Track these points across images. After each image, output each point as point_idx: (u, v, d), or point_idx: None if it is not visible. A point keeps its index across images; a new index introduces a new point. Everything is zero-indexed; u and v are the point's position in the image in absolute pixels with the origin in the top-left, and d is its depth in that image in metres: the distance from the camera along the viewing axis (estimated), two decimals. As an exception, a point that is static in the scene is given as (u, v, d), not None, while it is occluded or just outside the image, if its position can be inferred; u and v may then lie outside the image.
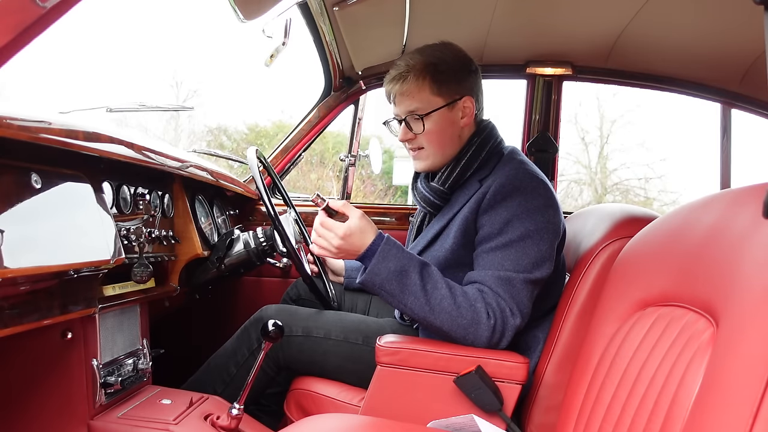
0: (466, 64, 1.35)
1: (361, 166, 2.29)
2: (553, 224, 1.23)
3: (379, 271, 1.15)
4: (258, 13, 1.11)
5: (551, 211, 1.24)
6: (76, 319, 1.09)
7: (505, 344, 1.18)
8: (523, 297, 1.18)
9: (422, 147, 1.35)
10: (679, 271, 0.80)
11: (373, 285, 1.17)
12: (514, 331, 1.18)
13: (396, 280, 1.15)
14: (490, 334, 1.16)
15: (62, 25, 0.63)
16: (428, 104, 1.31)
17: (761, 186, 0.73)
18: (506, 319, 1.16)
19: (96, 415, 1.12)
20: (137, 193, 1.27)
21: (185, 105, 3.19)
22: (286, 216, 1.58)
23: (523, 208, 1.21)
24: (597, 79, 2.14)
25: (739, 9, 1.50)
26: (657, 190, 10.15)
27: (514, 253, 1.19)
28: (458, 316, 1.15)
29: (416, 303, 1.15)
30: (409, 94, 1.31)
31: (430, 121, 1.31)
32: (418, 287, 1.15)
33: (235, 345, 1.45)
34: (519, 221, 1.20)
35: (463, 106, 1.33)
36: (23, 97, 10.23)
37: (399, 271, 1.16)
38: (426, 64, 1.30)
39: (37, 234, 0.87)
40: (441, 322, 1.16)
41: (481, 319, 1.15)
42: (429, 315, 1.16)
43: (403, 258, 1.17)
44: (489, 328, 1.15)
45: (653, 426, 0.72)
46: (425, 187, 1.37)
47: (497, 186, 1.24)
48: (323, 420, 0.99)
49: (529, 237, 1.20)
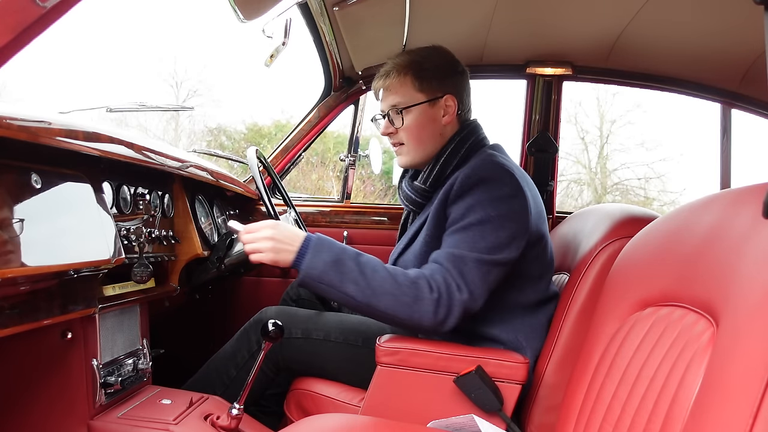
0: (452, 65, 1.38)
1: (361, 166, 2.29)
2: (518, 214, 1.22)
3: (315, 265, 1.14)
4: (258, 13, 1.11)
5: (516, 202, 1.22)
6: (76, 319, 1.09)
7: (453, 321, 1.15)
8: (473, 275, 1.16)
9: (402, 142, 1.37)
10: (679, 271, 0.80)
11: (312, 279, 1.15)
12: (462, 308, 1.15)
13: (333, 270, 1.14)
14: (434, 309, 1.13)
15: (62, 25, 0.63)
16: (409, 99, 1.35)
17: (761, 186, 0.73)
18: (452, 293, 1.14)
19: (96, 415, 1.12)
20: (137, 193, 1.27)
21: (185, 105, 3.19)
22: (286, 216, 1.58)
23: (487, 196, 1.21)
24: (597, 79, 2.14)
25: (739, 9, 1.50)
26: (657, 190, 10.15)
27: (471, 236, 1.19)
28: (401, 294, 1.14)
29: (357, 289, 1.14)
30: (393, 89, 1.36)
31: (410, 116, 1.35)
32: (356, 273, 1.14)
33: (235, 347, 1.45)
34: (481, 207, 1.20)
35: (445, 104, 1.35)
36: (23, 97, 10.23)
37: (335, 261, 1.15)
38: (410, 61, 1.35)
39: (37, 234, 0.87)
40: (385, 304, 1.14)
41: (424, 294, 1.14)
42: (371, 299, 1.14)
43: (337, 249, 1.17)
44: (432, 302, 1.13)
45: (653, 426, 0.72)
46: (408, 186, 1.40)
47: (463, 177, 1.24)
48: (323, 420, 0.99)
49: (489, 222, 1.19)
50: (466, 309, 1.16)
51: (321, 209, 2.16)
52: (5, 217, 0.81)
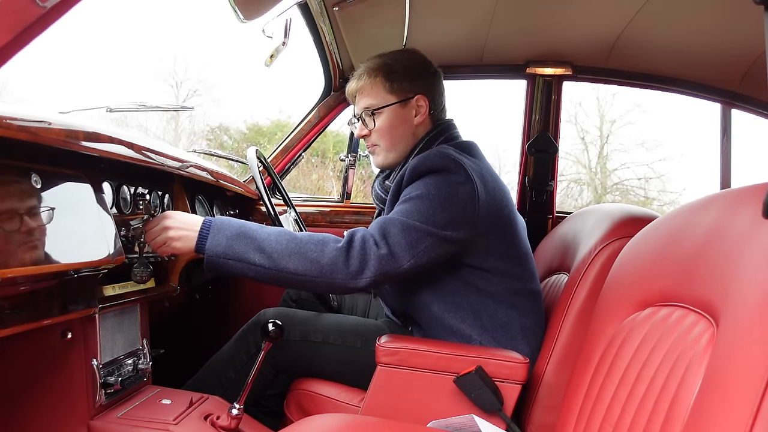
0: (423, 66, 1.40)
1: (361, 166, 2.28)
2: (461, 201, 1.21)
3: (218, 242, 1.14)
4: (258, 13, 1.11)
5: (462, 189, 1.21)
6: (76, 319, 1.09)
7: (369, 275, 1.14)
8: (396, 235, 1.16)
9: (377, 144, 1.40)
10: (679, 271, 0.80)
11: (218, 257, 1.14)
12: (378, 262, 1.14)
13: (236, 243, 1.14)
14: (344, 258, 1.13)
15: (62, 25, 0.63)
16: (381, 100, 1.37)
17: (761, 186, 0.73)
18: (368, 246, 1.14)
19: (96, 415, 1.12)
20: (137, 193, 1.27)
21: (185, 105, 3.19)
22: (286, 216, 1.58)
23: (432, 179, 1.22)
24: (597, 79, 2.14)
25: (739, 9, 1.50)
26: (657, 190, 10.16)
27: (405, 208, 1.20)
28: (307, 251, 1.13)
29: (263, 256, 1.13)
30: (364, 91, 1.39)
31: (382, 117, 1.37)
32: (260, 240, 1.14)
33: (234, 349, 1.44)
34: (423, 185, 1.21)
35: (416, 104, 1.37)
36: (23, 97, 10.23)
37: (237, 234, 1.14)
38: (381, 64, 1.38)
39: (37, 234, 0.87)
40: (294, 264, 1.13)
41: (329, 245, 1.14)
42: (280, 261, 1.13)
43: (238, 223, 1.17)
44: (341, 251, 1.13)
45: (653, 426, 0.72)
46: (380, 186, 1.43)
47: (410, 167, 1.26)
48: (323, 420, 0.99)
49: (427, 198, 1.19)
50: (384, 265, 1.14)
51: (321, 209, 2.16)
52: (5, 217, 0.81)
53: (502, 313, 1.29)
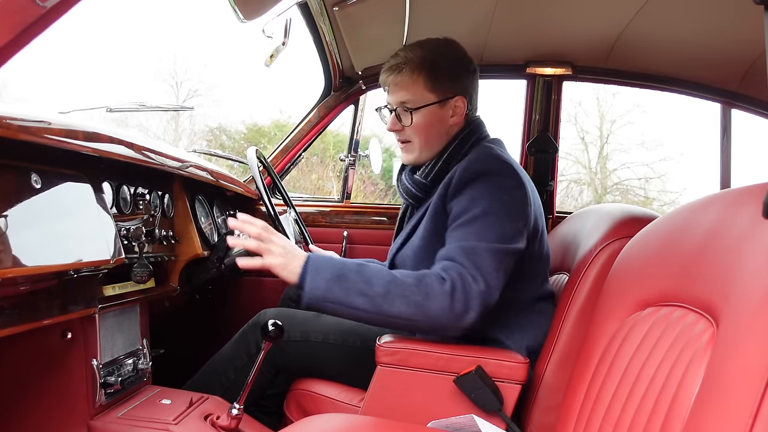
0: (465, 63, 1.35)
1: (361, 166, 2.29)
2: (520, 206, 1.21)
3: (317, 285, 1.11)
4: (258, 13, 1.11)
5: (518, 193, 1.21)
6: (76, 319, 1.09)
7: (473, 315, 1.11)
8: (486, 265, 1.14)
9: (410, 140, 1.36)
10: (679, 271, 0.80)
11: (317, 300, 1.12)
12: (480, 299, 1.11)
13: (337, 286, 1.11)
14: (450, 302, 1.10)
15: (62, 25, 0.63)
16: (420, 98, 1.32)
17: (761, 186, 0.73)
18: (468, 285, 1.11)
19: (96, 415, 1.12)
20: (137, 193, 1.27)
21: (185, 105, 3.19)
22: (286, 216, 1.58)
23: (487, 188, 1.20)
24: (597, 79, 2.14)
25: (740, 9, 1.50)
26: (657, 190, 10.16)
27: (477, 227, 1.17)
28: (410, 294, 1.11)
29: (365, 300, 1.11)
30: (403, 86, 1.33)
31: (419, 115, 1.33)
32: (361, 283, 1.12)
33: (234, 350, 1.44)
34: (483, 199, 1.19)
35: (454, 104, 1.34)
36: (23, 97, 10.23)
37: (336, 277, 1.12)
38: (423, 59, 1.31)
39: (37, 234, 0.87)
40: (397, 308, 1.11)
41: (434, 289, 1.11)
42: (382, 306, 1.11)
43: (337, 264, 1.14)
44: (446, 296, 1.10)
45: (653, 426, 0.72)
46: (408, 179, 1.39)
47: (461, 170, 1.24)
48: (323, 420, 0.99)
49: (492, 213, 1.18)
50: (484, 301, 1.12)
51: (321, 209, 2.16)
52: (5, 217, 0.81)
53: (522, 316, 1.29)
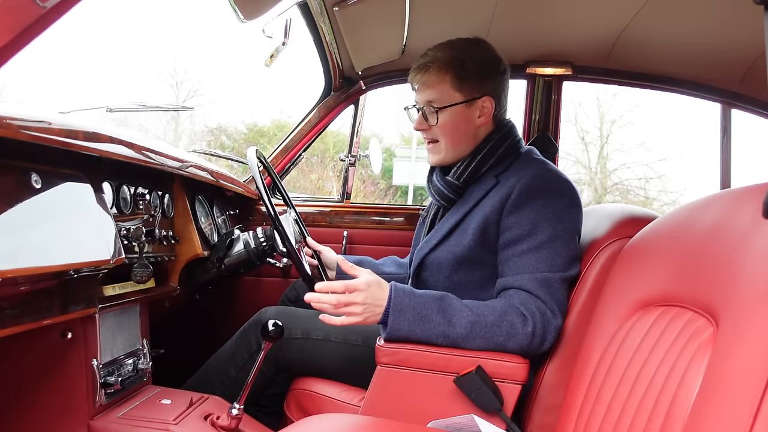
0: (494, 64, 1.35)
1: (361, 166, 2.28)
2: (577, 223, 1.25)
3: (399, 327, 1.14)
4: (258, 13, 1.11)
5: (575, 210, 1.24)
6: (76, 319, 1.09)
7: (548, 345, 1.17)
8: (560, 296, 1.18)
9: (437, 140, 1.35)
10: (679, 271, 0.80)
11: (399, 339, 1.16)
12: (556, 331, 1.17)
13: (419, 328, 1.14)
14: (530, 340, 1.14)
15: (62, 25, 0.63)
16: (447, 98, 1.32)
17: (761, 186, 0.73)
18: (547, 321, 1.15)
19: (96, 415, 1.12)
20: (137, 193, 1.27)
21: (185, 105, 3.19)
22: (286, 216, 1.58)
23: (551, 209, 1.21)
24: (597, 79, 2.14)
25: (740, 9, 1.50)
26: (657, 190, 10.16)
27: (546, 255, 1.19)
28: (493, 336, 1.14)
29: (447, 340, 1.14)
30: (430, 84, 1.32)
31: (445, 115, 1.32)
32: (443, 326, 1.14)
33: (234, 348, 1.44)
34: (548, 222, 1.20)
35: (481, 105, 1.33)
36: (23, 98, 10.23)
37: (419, 319, 1.14)
38: (452, 59, 1.31)
39: (38, 234, 0.87)
40: (478, 346, 1.15)
41: (517, 330, 1.14)
42: (464, 345, 1.14)
43: (417, 305, 1.15)
44: (527, 336, 1.14)
45: (653, 426, 0.72)
46: (440, 181, 1.38)
47: (522, 186, 1.23)
48: (323, 420, 0.99)
49: (559, 237, 1.20)
50: (558, 332, 1.17)
51: (321, 209, 2.16)
52: (5, 216, 0.81)
53: None
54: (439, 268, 1.33)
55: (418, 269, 1.37)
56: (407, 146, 10.83)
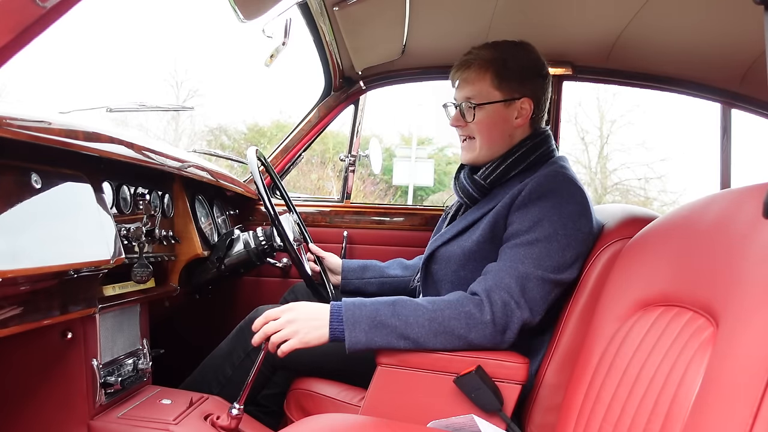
0: (537, 67, 1.35)
1: (361, 166, 2.28)
2: (583, 234, 1.20)
3: (357, 339, 1.12)
4: (258, 13, 1.11)
5: (584, 221, 1.21)
6: (76, 319, 1.09)
7: (511, 336, 1.14)
8: (535, 294, 1.16)
9: (473, 137, 1.35)
10: (679, 271, 0.80)
11: (360, 351, 1.14)
12: (520, 324, 1.14)
13: (376, 334, 1.12)
14: (492, 330, 1.13)
15: (62, 25, 0.63)
16: (485, 95, 1.32)
17: (761, 186, 0.73)
18: (510, 311, 1.13)
19: (96, 415, 1.12)
20: (137, 193, 1.27)
21: (185, 105, 3.18)
22: (286, 216, 1.58)
23: (556, 211, 1.19)
24: (597, 79, 2.14)
25: (739, 9, 1.50)
26: (657, 190, 10.17)
27: (537, 252, 1.17)
28: (453, 328, 1.13)
29: (408, 342, 1.13)
30: (470, 81, 1.33)
31: (483, 112, 1.32)
32: (401, 327, 1.13)
33: (231, 346, 1.44)
34: (549, 222, 1.18)
35: (520, 106, 1.32)
36: (23, 98, 10.24)
37: (373, 326, 1.12)
38: (494, 57, 1.31)
39: (37, 234, 0.87)
40: (442, 344, 1.14)
41: (475, 319, 1.13)
42: (427, 343, 1.13)
43: (370, 311, 1.14)
44: (487, 325, 1.13)
45: (653, 426, 0.72)
46: (467, 179, 1.37)
47: (533, 185, 1.22)
48: (323, 420, 0.99)
49: (555, 240, 1.18)
50: (524, 324, 1.15)
51: (321, 209, 2.16)
52: (5, 216, 0.81)
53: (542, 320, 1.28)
54: (447, 262, 1.33)
55: (428, 261, 1.38)
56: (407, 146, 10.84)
